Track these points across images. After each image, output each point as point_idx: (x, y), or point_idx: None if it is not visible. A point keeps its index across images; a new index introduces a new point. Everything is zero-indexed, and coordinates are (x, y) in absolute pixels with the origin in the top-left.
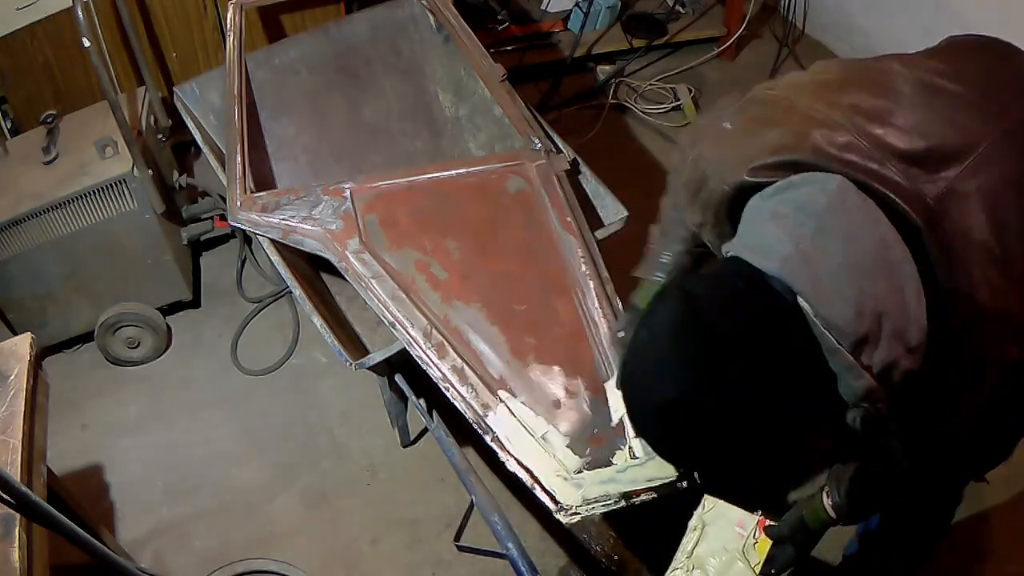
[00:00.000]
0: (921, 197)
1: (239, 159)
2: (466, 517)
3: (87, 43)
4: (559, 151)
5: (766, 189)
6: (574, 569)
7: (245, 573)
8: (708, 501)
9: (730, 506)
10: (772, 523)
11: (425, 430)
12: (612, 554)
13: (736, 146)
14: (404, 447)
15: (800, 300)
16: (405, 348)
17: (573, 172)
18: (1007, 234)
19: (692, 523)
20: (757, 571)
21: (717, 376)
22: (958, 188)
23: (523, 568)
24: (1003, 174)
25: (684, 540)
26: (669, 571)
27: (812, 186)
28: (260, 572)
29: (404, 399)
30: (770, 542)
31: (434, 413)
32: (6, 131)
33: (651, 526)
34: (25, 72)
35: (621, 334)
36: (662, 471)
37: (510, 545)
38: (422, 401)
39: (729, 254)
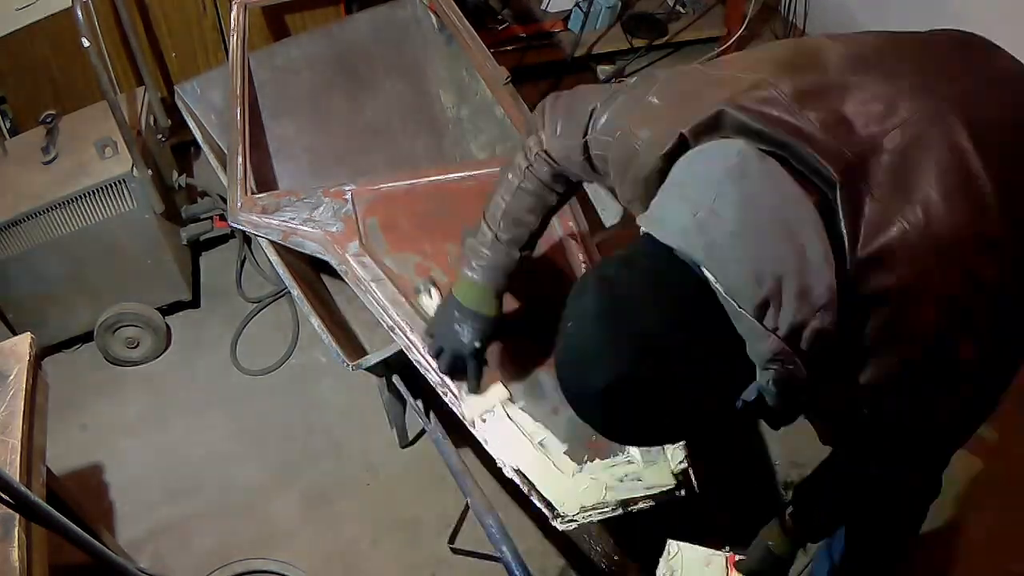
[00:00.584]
0: (840, 152)
1: (240, 160)
2: (461, 519)
3: (86, 43)
4: None
5: (680, 159)
6: (575, 571)
7: (245, 573)
8: (672, 546)
9: (696, 547)
10: (741, 557)
11: (424, 431)
12: (613, 555)
13: (668, 118)
14: (403, 448)
15: (703, 269)
16: (402, 350)
17: None
18: (929, 204)
19: (660, 571)
20: None
21: (645, 354)
22: (883, 147)
23: (517, 572)
24: (932, 147)
25: None
26: None
27: (714, 153)
28: (260, 572)
29: (402, 400)
30: None
31: (431, 415)
32: (5, 131)
33: (651, 526)
34: (25, 72)
35: (429, 339)
36: (660, 479)
37: (504, 549)
38: (419, 403)
39: (641, 231)
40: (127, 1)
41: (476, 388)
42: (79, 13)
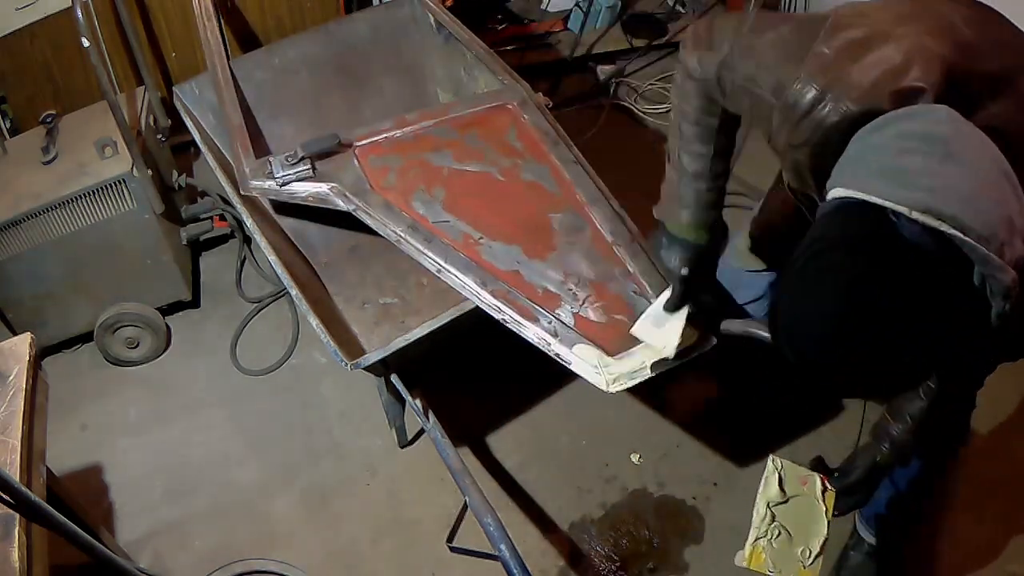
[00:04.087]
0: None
1: (239, 128)
2: (460, 518)
3: (86, 43)
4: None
5: (876, 121)
6: (574, 571)
7: (245, 573)
8: (775, 462)
9: (794, 465)
10: (836, 474)
11: (423, 430)
12: (612, 555)
13: (854, 72)
14: (402, 447)
15: (944, 226)
16: (402, 349)
17: None
18: None
19: (766, 476)
20: (829, 517)
21: (870, 319)
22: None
23: (515, 571)
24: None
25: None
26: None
27: (926, 117)
28: (260, 572)
29: (402, 400)
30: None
31: (430, 414)
32: (5, 131)
33: (651, 525)
34: (25, 72)
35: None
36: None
37: (503, 547)
38: (418, 402)
39: (846, 196)
40: (127, 1)
41: (671, 308)
42: (79, 13)
